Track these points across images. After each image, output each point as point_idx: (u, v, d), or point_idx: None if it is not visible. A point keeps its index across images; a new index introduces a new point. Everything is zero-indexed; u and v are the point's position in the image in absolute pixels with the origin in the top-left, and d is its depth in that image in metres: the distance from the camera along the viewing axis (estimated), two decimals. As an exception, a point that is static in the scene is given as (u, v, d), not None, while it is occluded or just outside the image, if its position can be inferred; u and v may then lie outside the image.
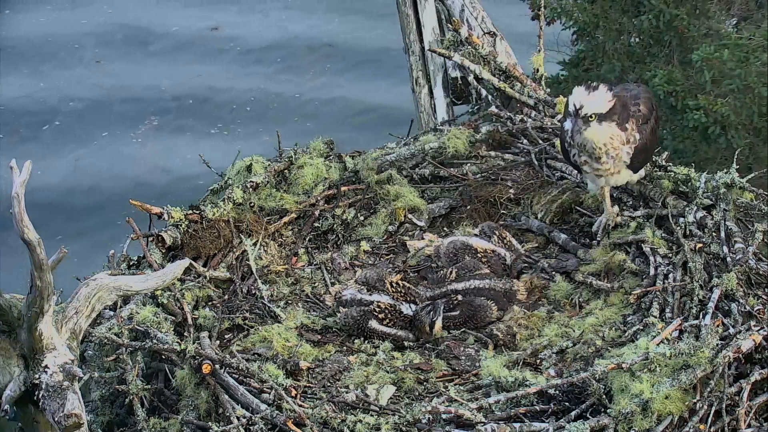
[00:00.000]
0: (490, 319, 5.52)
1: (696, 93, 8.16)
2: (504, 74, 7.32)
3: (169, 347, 4.93)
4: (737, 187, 5.72)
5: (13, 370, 4.16)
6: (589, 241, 6.02)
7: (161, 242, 5.88)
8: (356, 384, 5.02)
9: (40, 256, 4.02)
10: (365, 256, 6.25)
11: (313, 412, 4.57)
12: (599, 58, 9.19)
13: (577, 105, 5.33)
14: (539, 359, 5.13)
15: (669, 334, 4.91)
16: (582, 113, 5.33)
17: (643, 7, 8.76)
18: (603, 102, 5.34)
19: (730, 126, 7.95)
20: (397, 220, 6.46)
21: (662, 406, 4.46)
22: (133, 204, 5.98)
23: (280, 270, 6.08)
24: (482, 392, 4.85)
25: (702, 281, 5.21)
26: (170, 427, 4.88)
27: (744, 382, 4.73)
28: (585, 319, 5.40)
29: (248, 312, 5.67)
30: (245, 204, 6.28)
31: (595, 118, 5.35)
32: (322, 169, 6.58)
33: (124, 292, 4.59)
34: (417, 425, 4.51)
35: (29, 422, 4.23)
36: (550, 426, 4.49)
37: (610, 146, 5.47)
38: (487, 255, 5.84)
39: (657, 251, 5.58)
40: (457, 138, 6.70)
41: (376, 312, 5.44)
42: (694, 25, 8.66)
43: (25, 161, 4.04)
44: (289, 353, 5.25)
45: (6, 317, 4.16)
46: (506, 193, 6.42)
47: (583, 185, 6.15)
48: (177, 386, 4.95)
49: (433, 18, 8.30)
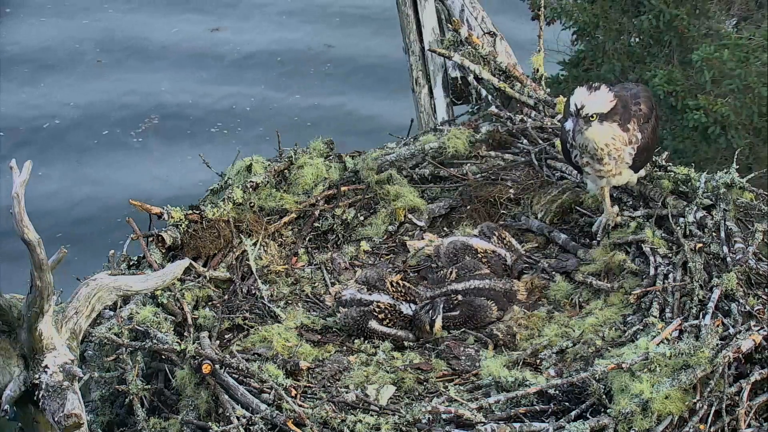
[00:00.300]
0: (490, 319, 5.52)
1: (696, 93, 8.16)
2: (504, 74, 7.32)
3: (169, 347, 4.93)
4: (737, 187, 5.72)
5: (13, 370, 4.16)
6: (589, 241, 6.02)
7: (161, 242, 5.88)
8: (356, 384, 5.02)
9: (40, 256, 4.02)
10: (365, 256, 6.25)
11: (313, 412, 4.57)
12: (599, 58, 9.19)
13: (578, 105, 5.33)
14: (539, 359, 5.13)
15: (669, 334, 4.91)
16: (583, 113, 5.33)
17: (643, 7, 8.76)
18: (604, 102, 5.34)
19: (730, 126, 7.95)
20: (397, 220, 6.46)
21: (662, 406, 4.46)
22: (133, 204, 5.98)
23: (280, 270, 6.08)
24: (482, 392, 4.85)
25: (702, 281, 5.21)
26: (170, 427, 4.88)
27: (744, 382, 4.73)
28: (585, 319, 5.40)
29: (248, 312, 5.67)
30: (245, 204, 6.28)
31: (597, 118, 5.35)
32: (322, 169, 6.58)
33: (124, 292, 4.59)
34: (417, 425, 4.51)
35: (29, 422, 4.23)
36: (550, 426, 4.49)
37: (612, 147, 5.47)
38: (487, 255, 5.84)
39: (657, 251, 5.58)
40: (457, 138, 6.70)
41: (375, 312, 5.44)
42: (694, 25, 8.66)
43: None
44: (289, 353, 5.25)
45: (6, 317, 4.16)
46: (506, 193, 6.42)
47: (583, 185, 6.14)
48: (177, 386, 4.95)
49: (433, 18, 8.30)
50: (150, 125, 13.11)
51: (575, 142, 5.50)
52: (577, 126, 5.38)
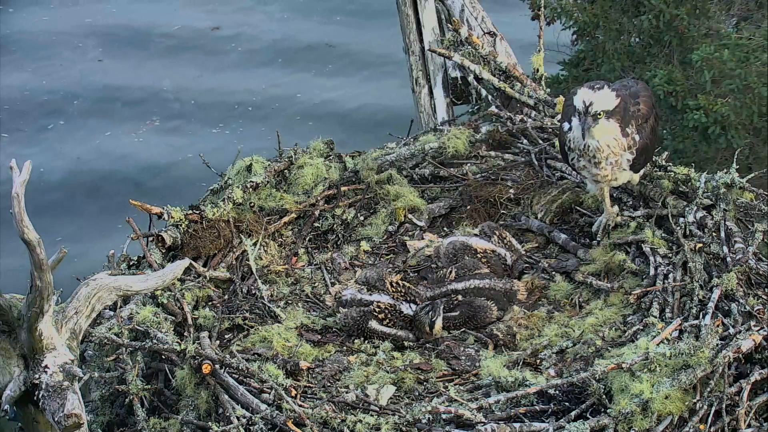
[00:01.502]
0: (490, 319, 5.52)
1: (696, 93, 8.16)
2: (504, 74, 7.32)
3: (169, 347, 4.93)
4: (737, 187, 5.72)
5: (13, 370, 4.16)
6: (589, 241, 6.02)
7: (161, 242, 5.88)
8: (356, 384, 5.02)
9: (40, 256, 4.02)
10: (365, 256, 6.25)
11: (313, 412, 4.57)
12: (599, 58, 9.18)
13: (586, 102, 5.31)
14: (539, 359, 5.13)
15: (669, 334, 4.91)
16: (591, 110, 5.32)
17: (643, 7, 8.75)
18: (611, 99, 5.35)
19: (730, 126, 7.94)
20: (397, 220, 6.45)
21: (662, 406, 4.46)
22: (133, 204, 5.98)
23: (280, 270, 6.08)
24: (482, 392, 4.85)
25: (702, 281, 5.21)
26: (170, 427, 4.88)
27: (744, 382, 4.73)
28: (585, 319, 5.40)
29: (248, 312, 5.66)
30: (245, 204, 6.28)
31: (603, 115, 5.35)
32: (322, 169, 6.58)
33: (124, 292, 4.59)
34: (417, 425, 4.51)
35: (29, 422, 4.23)
36: (550, 426, 4.49)
37: (610, 152, 5.46)
38: (487, 255, 5.83)
39: (657, 251, 5.58)
40: (457, 138, 6.70)
41: (375, 312, 5.43)
42: (694, 25, 8.65)
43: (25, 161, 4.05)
44: (289, 353, 5.25)
45: (6, 317, 4.16)
46: (506, 193, 6.42)
47: (583, 185, 6.15)
48: (177, 386, 4.95)
49: (433, 18, 8.30)
50: (151, 126, 13.12)
51: (582, 141, 5.45)
52: (586, 124, 5.36)
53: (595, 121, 5.35)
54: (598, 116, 5.34)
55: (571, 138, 5.50)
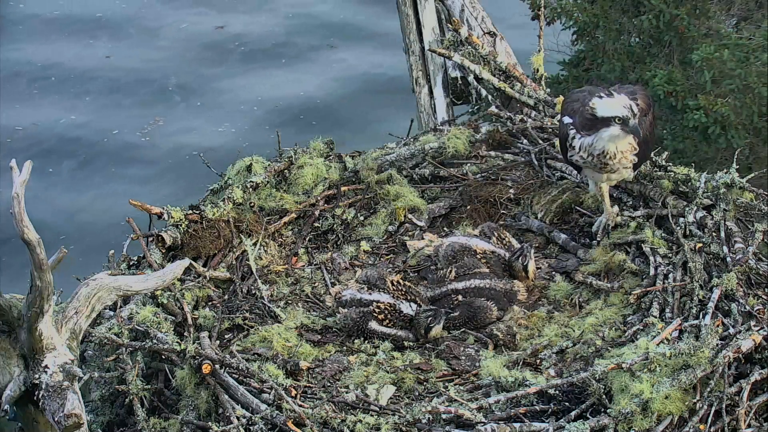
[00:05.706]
0: (490, 319, 5.52)
1: (696, 93, 8.17)
2: (504, 74, 7.32)
3: (169, 347, 4.93)
4: (737, 187, 5.72)
5: (13, 370, 4.16)
6: (589, 241, 6.02)
7: (161, 242, 5.88)
8: (356, 384, 5.02)
9: (40, 256, 4.02)
10: (365, 256, 6.25)
11: (313, 412, 4.57)
12: (599, 58, 9.20)
13: (627, 106, 5.30)
14: (539, 359, 5.13)
15: (669, 334, 4.91)
16: (635, 110, 5.32)
17: (643, 7, 8.77)
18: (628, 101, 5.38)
19: (730, 126, 7.95)
20: (397, 220, 6.45)
21: (662, 406, 4.46)
22: (133, 204, 5.98)
23: (280, 270, 6.08)
24: (482, 392, 4.86)
25: (702, 281, 5.21)
26: (170, 427, 4.88)
27: (744, 382, 4.73)
28: (585, 319, 5.40)
29: (248, 312, 5.66)
30: (245, 204, 6.28)
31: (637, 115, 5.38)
32: (322, 169, 6.58)
33: (124, 292, 4.59)
34: (417, 425, 4.51)
35: (29, 422, 4.23)
36: (550, 426, 4.49)
37: (623, 156, 5.49)
38: (486, 256, 5.83)
39: (657, 251, 5.58)
40: (457, 138, 6.70)
41: (375, 312, 5.43)
42: (694, 25, 8.66)
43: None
44: (289, 353, 5.25)
45: (6, 317, 4.16)
46: (506, 193, 6.42)
47: (584, 185, 6.15)
48: (177, 386, 4.95)
49: (433, 18, 8.30)
50: (155, 125, 13.16)
51: (601, 147, 5.45)
52: (641, 125, 5.35)
53: (635, 119, 5.34)
54: (636, 116, 5.34)
55: (585, 144, 5.48)
